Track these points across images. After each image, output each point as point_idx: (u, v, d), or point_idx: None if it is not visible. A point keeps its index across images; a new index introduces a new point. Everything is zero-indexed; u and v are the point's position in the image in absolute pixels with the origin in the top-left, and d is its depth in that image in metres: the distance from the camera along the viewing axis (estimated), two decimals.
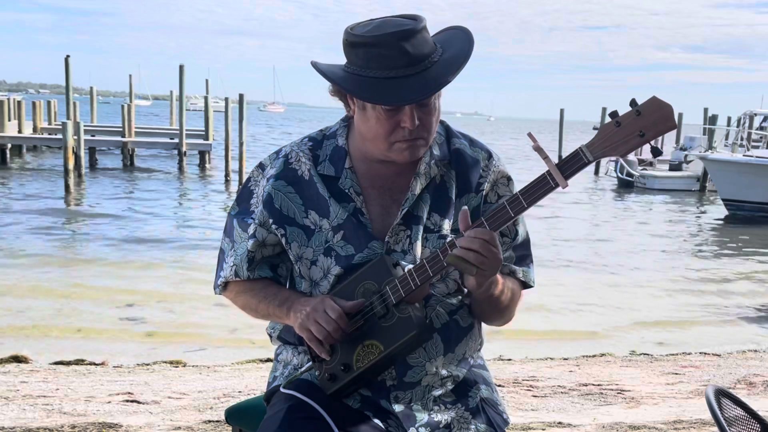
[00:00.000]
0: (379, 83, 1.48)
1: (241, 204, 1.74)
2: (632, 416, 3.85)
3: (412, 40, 1.49)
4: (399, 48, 1.48)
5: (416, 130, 1.53)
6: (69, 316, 7.47)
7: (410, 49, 1.48)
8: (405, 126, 1.52)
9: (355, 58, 1.52)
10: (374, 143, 1.57)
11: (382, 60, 1.48)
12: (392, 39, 1.48)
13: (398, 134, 1.53)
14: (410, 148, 1.55)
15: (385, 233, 1.62)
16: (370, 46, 1.49)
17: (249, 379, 4.42)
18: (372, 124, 1.54)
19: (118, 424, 3.38)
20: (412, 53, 1.48)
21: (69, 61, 24.04)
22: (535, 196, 1.42)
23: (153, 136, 30.13)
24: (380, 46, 1.48)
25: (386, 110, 1.51)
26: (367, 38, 1.50)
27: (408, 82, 1.48)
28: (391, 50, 1.48)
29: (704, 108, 31.21)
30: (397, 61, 1.48)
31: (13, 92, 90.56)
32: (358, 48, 1.51)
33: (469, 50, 1.53)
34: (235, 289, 1.75)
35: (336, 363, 1.59)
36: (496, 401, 1.73)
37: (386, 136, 1.54)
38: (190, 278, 9.38)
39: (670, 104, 1.34)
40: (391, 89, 1.47)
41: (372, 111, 1.53)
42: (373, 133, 1.55)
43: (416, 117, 1.51)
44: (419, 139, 1.55)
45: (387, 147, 1.56)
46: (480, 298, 1.59)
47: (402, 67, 1.48)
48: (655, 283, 10.49)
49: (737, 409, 1.99)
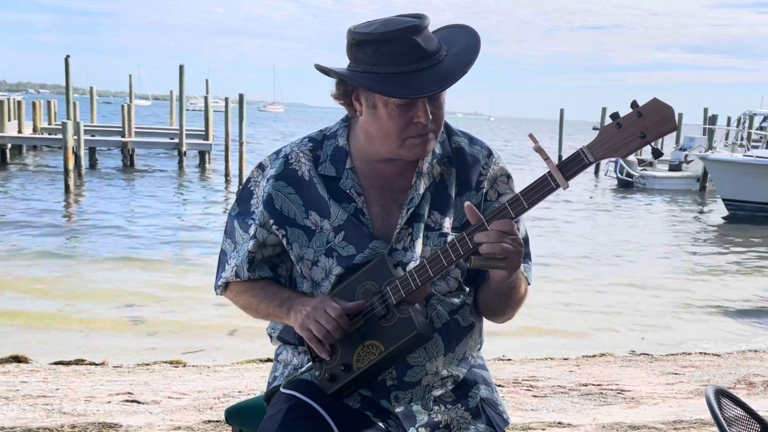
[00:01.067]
0: (394, 78, 1.48)
1: (241, 205, 1.74)
2: (632, 416, 3.85)
3: (422, 35, 1.50)
4: (411, 42, 1.48)
5: (428, 124, 1.53)
6: (69, 316, 7.47)
7: (422, 43, 1.49)
8: (419, 121, 1.52)
9: (364, 56, 1.51)
10: (385, 141, 1.56)
11: (394, 55, 1.48)
12: (404, 34, 1.48)
13: (411, 130, 1.53)
14: (423, 143, 1.55)
15: (385, 233, 1.62)
16: (381, 43, 1.49)
17: (249, 379, 4.42)
18: (384, 122, 1.54)
19: (118, 424, 3.38)
20: (424, 47, 1.49)
21: (69, 61, 24.02)
22: (536, 196, 1.43)
23: (153, 136, 30.15)
24: (391, 42, 1.48)
25: (399, 106, 1.51)
26: (377, 35, 1.49)
27: (423, 75, 1.48)
28: (403, 45, 1.48)
29: (704, 108, 31.23)
30: (410, 56, 1.48)
31: (13, 92, 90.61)
32: (367, 46, 1.50)
33: (477, 44, 1.54)
34: (236, 290, 1.75)
35: (336, 363, 1.59)
36: (496, 401, 1.73)
37: (399, 133, 1.54)
38: (190, 278, 9.38)
39: (671, 106, 1.35)
40: (408, 83, 1.47)
41: (384, 109, 1.53)
42: (385, 132, 1.55)
43: (429, 112, 1.52)
44: (431, 133, 1.56)
45: (399, 144, 1.55)
46: (504, 289, 1.58)
47: (415, 61, 1.48)
48: (655, 282, 10.49)
49: (737, 409, 1.99)
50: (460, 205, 1.64)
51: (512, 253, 1.43)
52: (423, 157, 1.60)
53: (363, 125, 1.60)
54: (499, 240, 1.42)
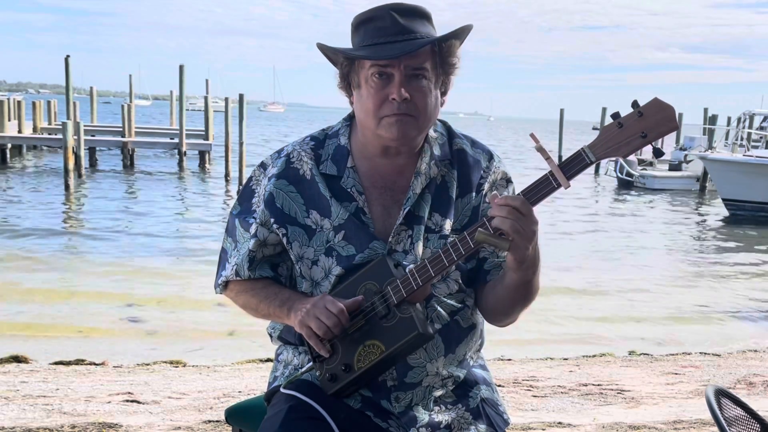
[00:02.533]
0: (369, 48, 1.55)
1: (242, 203, 1.74)
2: (632, 416, 3.85)
3: (406, 15, 1.56)
4: (390, 18, 1.55)
5: (404, 104, 1.54)
6: (69, 316, 7.47)
7: (401, 20, 1.55)
8: (393, 98, 1.53)
9: (358, 37, 1.59)
10: (366, 122, 1.59)
11: (376, 31, 1.56)
12: (384, 10, 1.56)
13: (386, 108, 1.55)
14: (398, 122, 1.55)
15: (386, 233, 1.62)
16: (369, 21, 1.57)
17: (249, 379, 4.42)
18: (364, 100, 1.57)
19: (118, 424, 3.38)
20: (402, 23, 1.55)
21: (69, 61, 24.01)
22: (537, 196, 1.43)
23: (153, 136, 30.12)
24: (375, 19, 1.56)
25: (376, 82, 1.54)
26: (366, 14, 1.59)
27: (395, 46, 1.53)
28: (384, 21, 1.55)
29: (704, 108, 31.22)
30: (389, 30, 1.54)
31: (13, 92, 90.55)
32: (360, 27, 1.59)
33: (463, 28, 1.59)
34: (236, 289, 1.75)
35: (337, 363, 1.59)
36: (497, 401, 1.73)
37: (375, 111, 1.56)
38: (190, 278, 9.37)
39: (672, 106, 1.35)
40: (379, 51, 1.53)
41: (365, 87, 1.57)
42: (365, 111, 1.58)
43: (404, 91, 1.53)
44: (407, 115, 1.55)
45: (376, 123, 1.57)
46: (518, 281, 1.53)
47: (392, 34, 1.54)
48: (655, 282, 10.49)
49: (737, 409, 1.99)
50: (461, 207, 1.65)
51: (519, 234, 1.40)
52: (399, 139, 1.58)
53: (355, 113, 1.64)
54: (509, 216, 1.40)
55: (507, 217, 1.40)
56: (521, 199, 1.41)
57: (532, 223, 1.42)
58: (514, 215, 1.40)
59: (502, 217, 1.40)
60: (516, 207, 1.40)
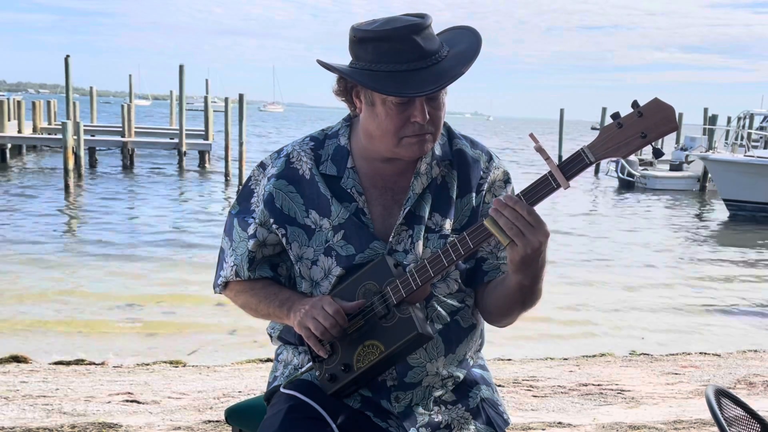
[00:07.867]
0: (392, 76, 1.48)
1: (242, 203, 1.74)
2: (632, 416, 3.85)
3: (422, 35, 1.50)
4: (411, 41, 1.48)
5: (426, 125, 1.53)
6: (69, 316, 7.47)
7: (422, 42, 1.49)
8: (416, 120, 1.52)
9: (365, 54, 1.52)
10: (382, 140, 1.56)
11: (393, 54, 1.49)
12: (404, 33, 1.48)
13: (408, 129, 1.53)
14: (419, 143, 1.55)
15: (386, 233, 1.62)
16: (381, 41, 1.49)
17: (249, 379, 4.42)
18: (381, 120, 1.54)
19: (118, 424, 3.38)
20: (423, 47, 1.49)
21: (69, 61, 24.01)
22: (536, 196, 1.43)
23: (153, 136, 30.12)
24: (392, 41, 1.48)
25: (397, 105, 1.51)
26: (378, 33, 1.50)
27: (421, 75, 1.48)
28: (403, 44, 1.48)
29: (704, 108, 31.20)
30: (409, 55, 1.48)
31: (13, 92, 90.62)
32: (367, 43, 1.51)
33: (478, 45, 1.54)
34: (236, 289, 1.75)
35: (336, 363, 1.59)
36: (497, 401, 1.73)
37: (396, 132, 1.53)
38: (190, 278, 9.37)
39: (672, 106, 1.34)
40: (405, 81, 1.47)
41: (382, 107, 1.53)
42: (382, 130, 1.55)
43: (427, 113, 1.51)
44: (428, 134, 1.55)
45: (395, 143, 1.55)
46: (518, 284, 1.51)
47: (414, 60, 1.48)
48: (656, 282, 10.49)
49: (737, 409, 1.99)
50: (460, 207, 1.65)
51: (518, 236, 1.40)
52: (420, 156, 1.60)
53: (362, 123, 1.61)
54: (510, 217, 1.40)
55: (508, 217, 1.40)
56: (518, 202, 1.41)
57: (541, 234, 1.41)
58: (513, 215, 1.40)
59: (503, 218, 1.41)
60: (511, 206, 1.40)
